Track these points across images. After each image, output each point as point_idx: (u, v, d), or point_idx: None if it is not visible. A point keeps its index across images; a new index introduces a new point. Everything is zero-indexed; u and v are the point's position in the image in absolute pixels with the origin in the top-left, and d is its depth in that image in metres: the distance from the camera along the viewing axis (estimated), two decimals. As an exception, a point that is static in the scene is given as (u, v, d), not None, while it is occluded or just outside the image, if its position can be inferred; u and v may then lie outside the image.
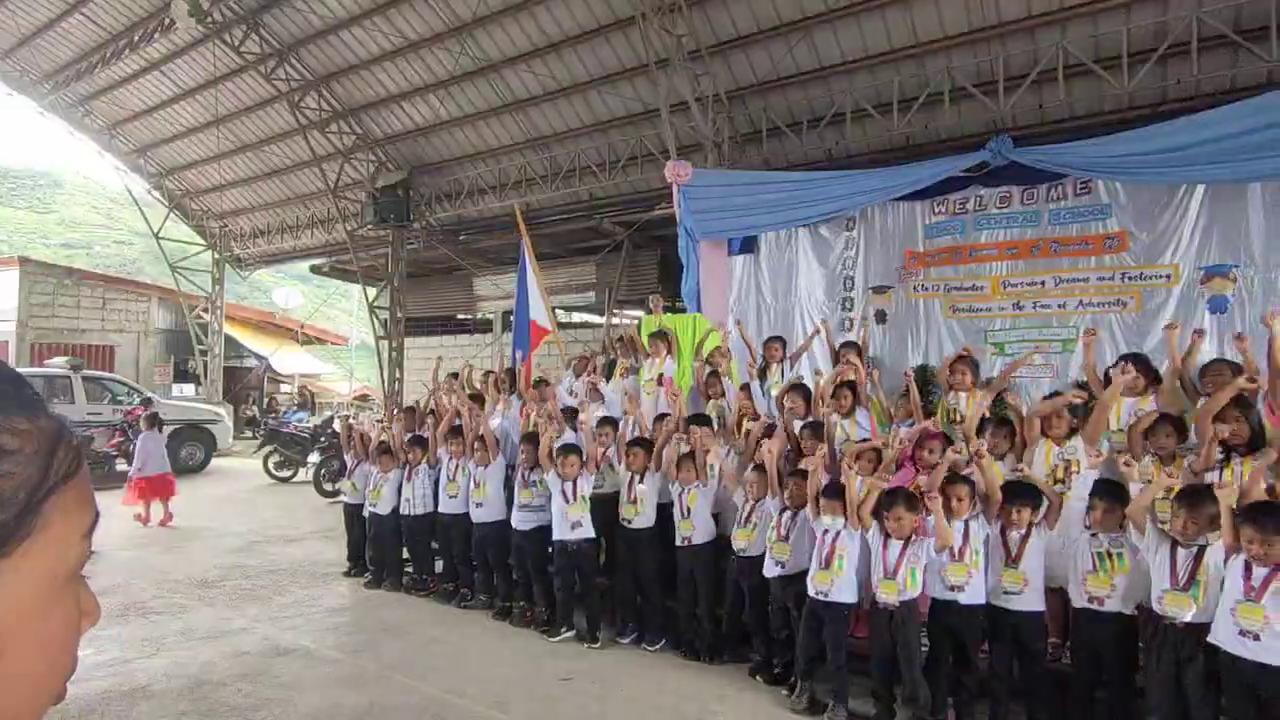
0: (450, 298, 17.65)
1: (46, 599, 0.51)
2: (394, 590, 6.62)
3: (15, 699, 0.50)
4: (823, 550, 4.28)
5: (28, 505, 0.49)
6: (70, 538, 0.52)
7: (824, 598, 4.23)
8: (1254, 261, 6.73)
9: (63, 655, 0.53)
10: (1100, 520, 3.82)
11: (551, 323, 8.38)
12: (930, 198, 8.31)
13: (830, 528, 4.29)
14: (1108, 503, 3.80)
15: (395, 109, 13.69)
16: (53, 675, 0.53)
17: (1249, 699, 3.19)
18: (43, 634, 0.51)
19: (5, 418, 0.49)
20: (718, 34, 9.75)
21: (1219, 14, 7.28)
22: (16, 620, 0.48)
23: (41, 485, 0.50)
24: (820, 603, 4.25)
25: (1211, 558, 3.43)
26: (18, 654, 0.49)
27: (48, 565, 0.51)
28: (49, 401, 0.55)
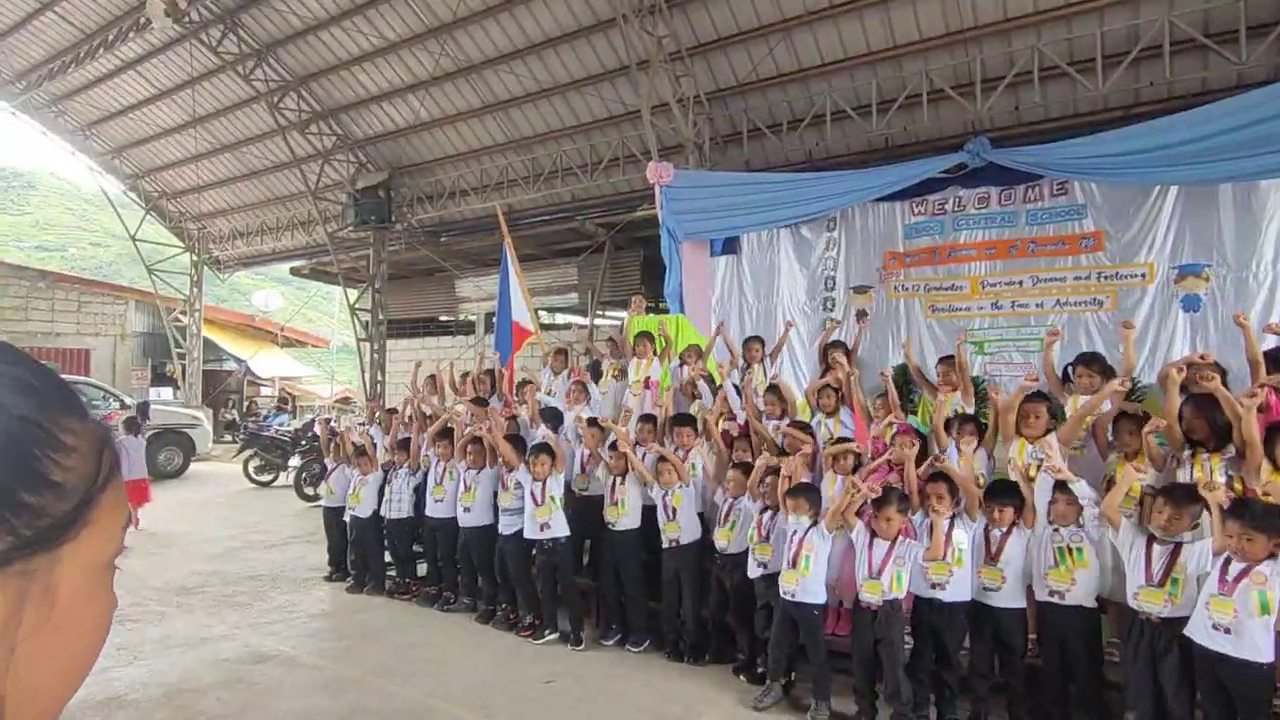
0: (432, 299, 17.56)
1: (94, 583, 0.57)
2: (376, 594, 6.58)
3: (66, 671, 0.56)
4: (790, 550, 4.31)
5: (86, 497, 0.54)
6: (113, 530, 0.58)
7: (791, 597, 4.26)
8: (1226, 261, 6.85)
9: (101, 634, 0.59)
10: (1061, 514, 3.87)
11: (534, 324, 8.36)
12: (910, 198, 8.38)
13: (797, 527, 4.32)
14: (1068, 496, 3.87)
15: (375, 110, 13.60)
16: (93, 652, 0.59)
17: (1223, 692, 3.25)
18: (90, 614, 0.57)
19: (66, 419, 0.54)
20: (698, 35, 9.77)
21: (1189, 18, 7.40)
22: (71, 600, 0.55)
23: (95, 480, 0.56)
24: (789, 602, 4.28)
25: (1189, 554, 3.48)
26: (72, 628, 0.55)
27: (97, 553, 0.57)
28: None
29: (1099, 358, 5.13)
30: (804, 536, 4.29)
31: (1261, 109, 5.82)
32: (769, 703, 4.35)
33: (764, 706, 4.34)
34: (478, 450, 5.99)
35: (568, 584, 5.47)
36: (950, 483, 4.15)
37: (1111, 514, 3.70)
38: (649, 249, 12.27)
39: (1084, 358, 5.07)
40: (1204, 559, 3.43)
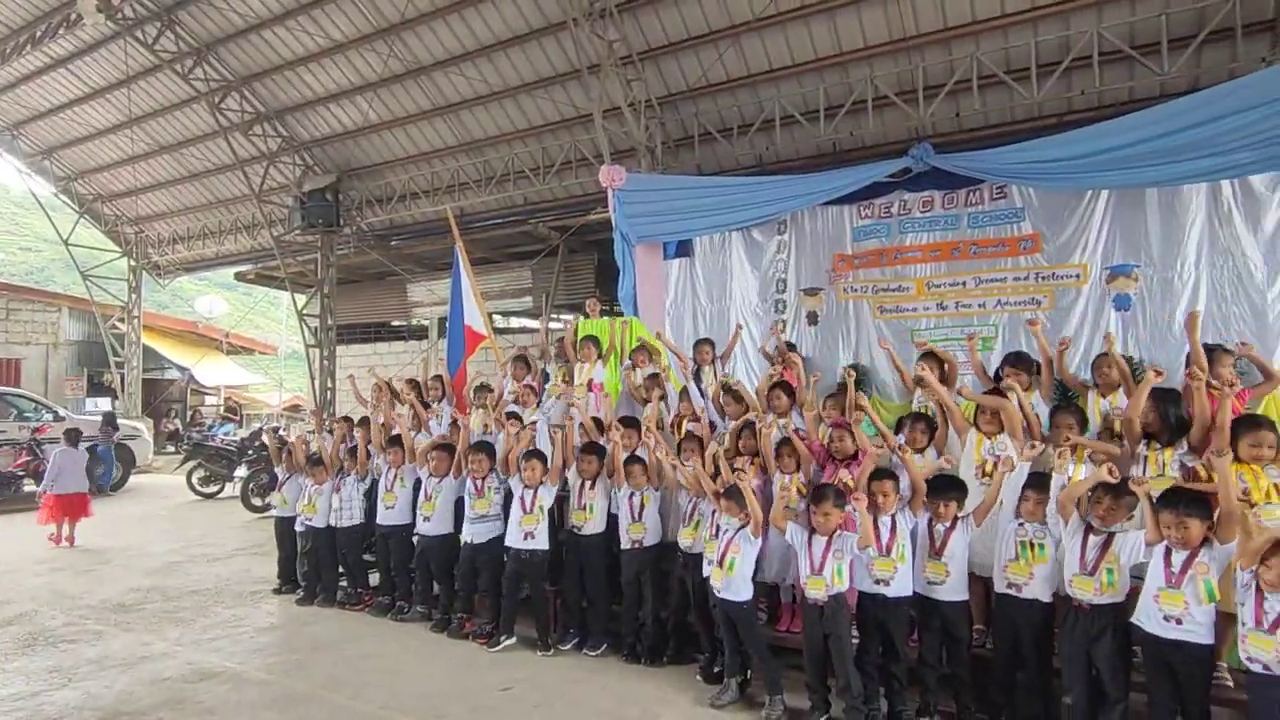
0: (383, 304, 17.28)
1: None
2: (327, 606, 6.44)
3: None
4: (719, 548, 4.38)
5: None
6: None
7: (719, 594, 4.34)
8: (1153, 262, 7.17)
9: None
10: (1032, 511, 4.00)
11: (488, 328, 8.29)
12: (857, 202, 8.56)
13: (728, 527, 4.38)
14: (1040, 494, 3.99)
15: (322, 111, 13.34)
16: None
17: (1168, 674, 3.42)
18: None
19: None
20: (649, 40, 9.84)
21: (1116, 30, 7.74)
22: None
23: None
24: (718, 599, 4.36)
25: (1121, 543, 3.64)
26: None
27: None
28: None
29: (1025, 357, 5.32)
30: (733, 538, 4.35)
31: (1182, 118, 6.12)
32: (726, 701, 4.40)
33: (721, 705, 4.39)
34: (442, 457, 5.92)
35: (538, 593, 5.43)
36: (895, 480, 4.25)
37: (1067, 506, 3.83)
38: (603, 252, 12.28)
39: (1010, 358, 5.24)
40: (1137, 550, 3.59)
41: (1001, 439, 4.58)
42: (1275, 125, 5.71)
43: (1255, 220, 6.73)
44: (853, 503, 4.10)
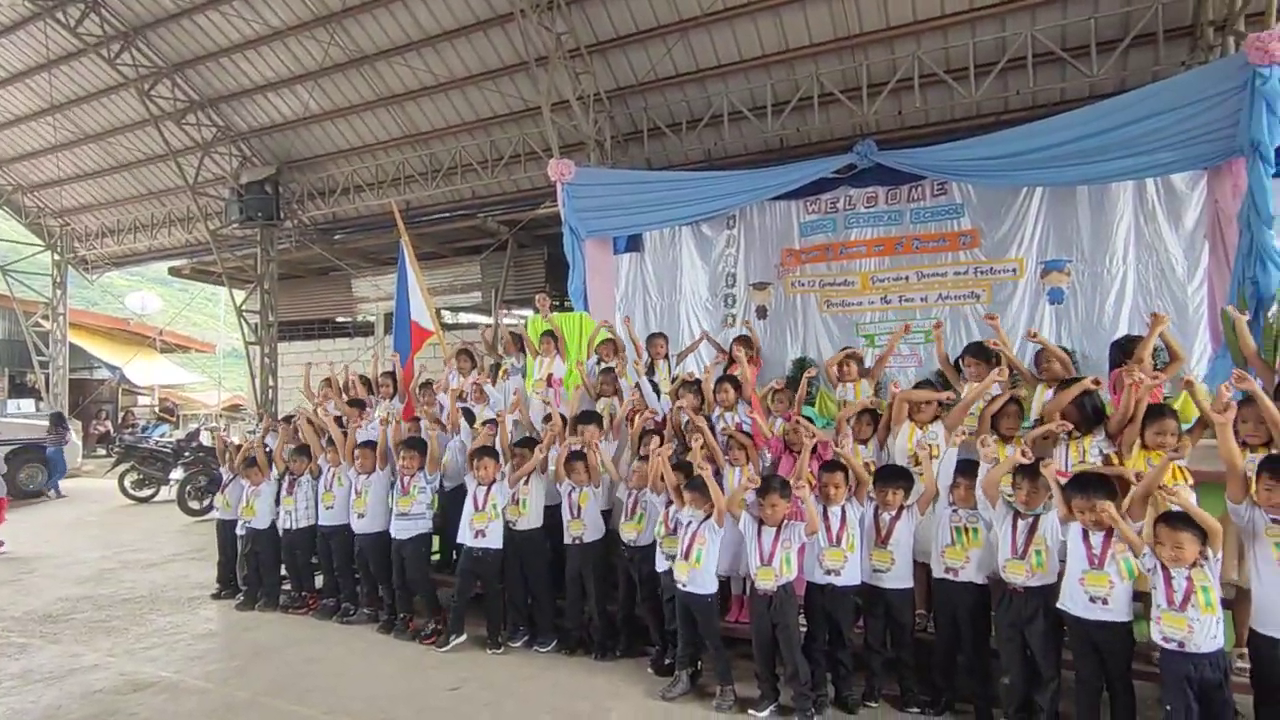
0: (327, 300, 16.85)
1: None
2: (269, 610, 6.26)
3: None
4: (684, 541, 4.40)
5: None
6: None
7: (683, 587, 4.36)
8: (1084, 257, 7.48)
9: None
10: (963, 497, 4.12)
11: (435, 324, 8.16)
12: (804, 197, 8.71)
13: (692, 519, 4.42)
14: (970, 480, 4.11)
15: (260, 100, 12.91)
16: None
17: (1094, 653, 3.56)
18: None
19: None
20: (597, 33, 9.79)
21: (1049, 33, 8.01)
22: None
23: None
24: (683, 593, 4.38)
25: (1045, 525, 3.79)
26: None
27: None
28: None
29: (984, 347, 5.46)
30: (698, 529, 4.38)
31: (1108, 119, 6.38)
32: (677, 693, 4.43)
33: (672, 697, 4.41)
34: (366, 454, 5.81)
35: (493, 591, 5.37)
36: (846, 471, 4.33)
37: (990, 491, 3.97)
38: (553, 247, 12.20)
39: (971, 349, 5.37)
40: (1055, 530, 3.75)
41: (933, 429, 4.71)
42: (1194, 126, 5.99)
43: (1177, 217, 7.08)
44: (798, 491, 4.16)
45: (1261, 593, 3.34)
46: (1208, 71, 6.26)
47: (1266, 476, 3.36)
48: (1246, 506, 3.42)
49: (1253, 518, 3.39)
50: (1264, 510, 3.35)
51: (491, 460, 5.31)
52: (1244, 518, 3.42)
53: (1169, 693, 3.33)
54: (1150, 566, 3.38)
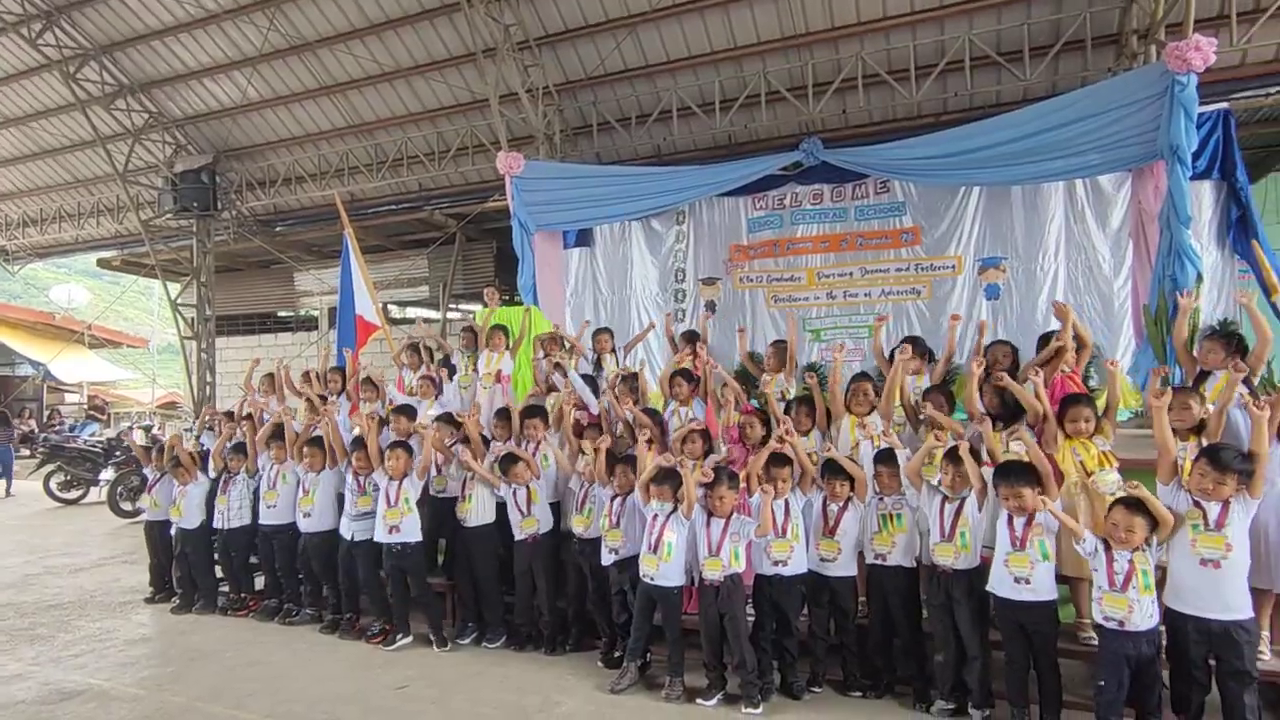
0: (269, 293, 16.37)
1: None
2: (207, 613, 6.08)
3: None
4: (651, 535, 4.44)
5: None
6: None
7: (651, 581, 4.39)
8: (1019, 254, 7.76)
9: None
10: (886, 484, 4.25)
11: (380, 318, 8.01)
12: (752, 194, 8.82)
13: (659, 512, 4.45)
14: (890, 468, 4.26)
15: (196, 86, 12.44)
16: None
17: (1020, 633, 3.74)
18: None
19: None
20: (546, 26, 9.73)
21: (985, 37, 8.28)
22: None
23: None
24: (650, 585, 4.41)
25: (969, 507, 3.96)
26: None
27: None
28: None
29: (919, 340, 5.63)
30: (665, 522, 4.42)
31: (1039, 121, 6.62)
32: (625, 685, 4.46)
33: (621, 689, 4.44)
34: (315, 451, 5.68)
35: (421, 587, 5.31)
36: (791, 464, 4.41)
37: (912, 477, 4.12)
38: (502, 240, 12.10)
39: (905, 341, 5.52)
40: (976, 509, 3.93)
41: (872, 419, 4.83)
42: (1118, 130, 6.26)
43: (1104, 217, 7.40)
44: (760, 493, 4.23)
45: (1176, 571, 3.54)
46: (1131, 78, 6.54)
47: (1204, 462, 3.55)
48: (1173, 489, 3.63)
49: (1177, 501, 3.59)
50: (1189, 494, 3.54)
51: (405, 453, 5.25)
52: (1170, 500, 3.62)
53: (1105, 669, 3.51)
54: (1091, 550, 3.56)
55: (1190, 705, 3.51)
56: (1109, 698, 3.49)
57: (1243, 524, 3.46)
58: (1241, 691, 3.38)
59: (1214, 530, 3.44)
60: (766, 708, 4.15)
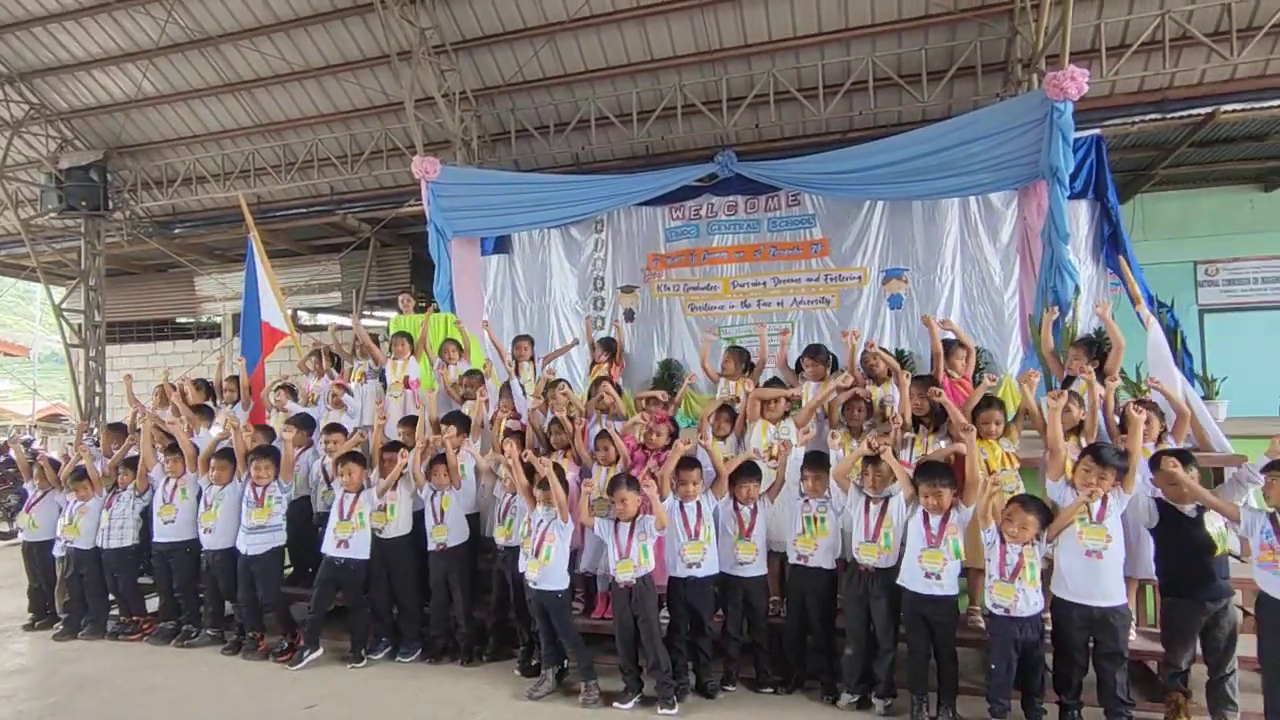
0: (166, 299, 15.48)
1: None
2: (95, 638, 5.72)
3: None
4: (534, 540, 4.48)
5: None
6: None
7: (535, 586, 4.44)
8: (919, 266, 8.21)
9: None
10: (812, 487, 4.42)
11: (288, 324, 7.72)
12: (669, 204, 9.01)
13: (543, 518, 4.50)
14: (816, 471, 4.43)
15: (84, 77, 11.67)
16: None
17: (924, 624, 3.96)
18: None
19: None
20: (463, 31, 9.63)
21: (887, 59, 8.73)
22: None
23: None
24: (534, 591, 4.45)
25: (893, 507, 4.17)
26: None
27: None
28: None
29: (823, 349, 5.88)
30: (547, 527, 4.46)
31: (934, 141, 7.06)
32: (543, 692, 4.47)
33: (538, 696, 4.45)
34: (224, 464, 5.45)
35: (357, 603, 5.16)
36: (699, 467, 4.53)
37: (840, 480, 4.30)
38: (418, 246, 11.87)
39: (810, 350, 5.77)
40: (901, 510, 4.14)
41: (785, 424, 5.02)
42: (1005, 151, 6.74)
43: (995, 233, 7.92)
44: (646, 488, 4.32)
45: (1064, 562, 3.83)
46: (1015, 104, 7.05)
47: (1088, 459, 3.87)
48: (1062, 485, 3.94)
49: (1065, 496, 3.89)
50: (1076, 490, 3.84)
51: (358, 466, 5.13)
52: (1058, 495, 3.92)
53: (995, 652, 3.78)
54: (990, 541, 3.81)
55: (1071, 685, 3.82)
56: (999, 680, 3.76)
57: (1118, 516, 3.78)
58: (1114, 670, 3.71)
59: (1096, 523, 3.75)
60: (682, 708, 4.24)
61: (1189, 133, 8.34)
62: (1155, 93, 8.30)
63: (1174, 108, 8.17)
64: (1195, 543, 3.72)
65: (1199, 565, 3.72)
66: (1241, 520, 3.61)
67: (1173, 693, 3.86)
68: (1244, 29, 7.67)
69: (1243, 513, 3.61)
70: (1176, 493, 3.75)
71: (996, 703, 3.77)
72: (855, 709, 4.19)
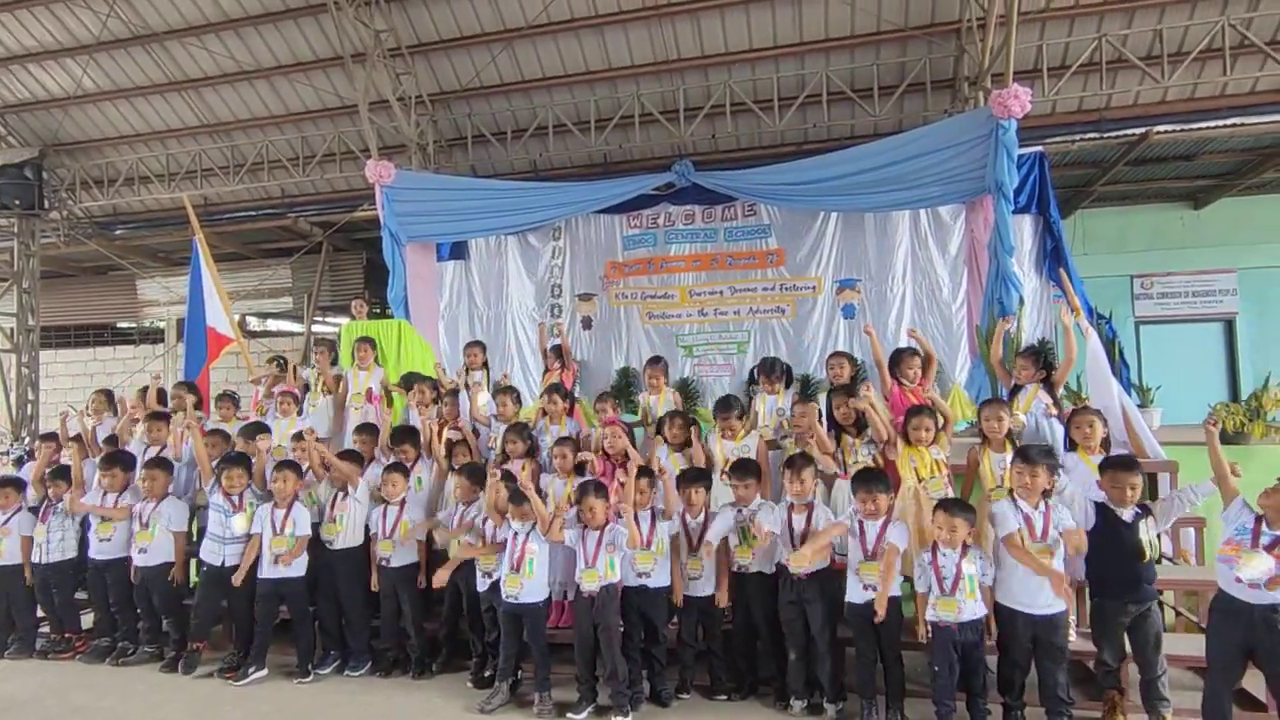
0: (106, 302, 14.91)
1: None
2: (22, 657, 5.45)
3: None
4: (513, 554, 4.42)
5: None
6: None
7: (515, 599, 4.38)
8: (871, 276, 8.38)
9: None
10: (741, 497, 4.43)
11: (235, 330, 7.51)
12: (627, 212, 9.04)
13: (520, 531, 4.46)
14: (745, 482, 4.43)
15: (18, 71, 11.21)
16: None
17: (870, 631, 4.02)
18: None
19: None
20: (419, 34, 9.54)
21: (840, 73, 8.93)
22: None
23: None
24: (513, 605, 4.39)
25: (819, 514, 4.24)
26: None
27: None
28: None
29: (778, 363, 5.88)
30: (525, 541, 4.41)
31: (885, 155, 7.24)
32: (496, 704, 4.41)
33: (491, 708, 4.38)
34: (157, 474, 5.26)
35: (300, 615, 5.01)
36: (651, 475, 4.53)
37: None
38: (372, 251, 11.67)
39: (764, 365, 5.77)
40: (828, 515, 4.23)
41: (747, 442, 5.02)
42: (953, 166, 6.95)
43: (943, 245, 8.13)
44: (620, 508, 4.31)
45: (1008, 577, 3.91)
46: (963, 120, 7.27)
47: (1017, 462, 3.98)
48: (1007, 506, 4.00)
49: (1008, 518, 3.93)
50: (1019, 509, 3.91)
51: (293, 473, 5.00)
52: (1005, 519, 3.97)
53: (936, 654, 3.85)
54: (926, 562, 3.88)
55: (1014, 686, 3.92)
56: (943, 681, 3.84)
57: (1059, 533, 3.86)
58: (1055, 669, 3.82)
59: (1040, 541, 3.84)
60: (636, 716, 4.23)
61: (1125, 151, 8.70)
62: (1093, 112, 8.65)
63: (1111, 127, 8.52)
64: (1127, 547, 3.84)
65: (1128, 569, 3.84)
66: (1230, 506, 3.67)
67: (1108, 691, 3.99)
68: (1174, 53, 8.05)
69: (1234, 503, 3.67)
70: (1119, 495, 3.88)
71: (942, 704, 3.85)
72: (807, 714, 4.22)
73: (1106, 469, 3.98)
